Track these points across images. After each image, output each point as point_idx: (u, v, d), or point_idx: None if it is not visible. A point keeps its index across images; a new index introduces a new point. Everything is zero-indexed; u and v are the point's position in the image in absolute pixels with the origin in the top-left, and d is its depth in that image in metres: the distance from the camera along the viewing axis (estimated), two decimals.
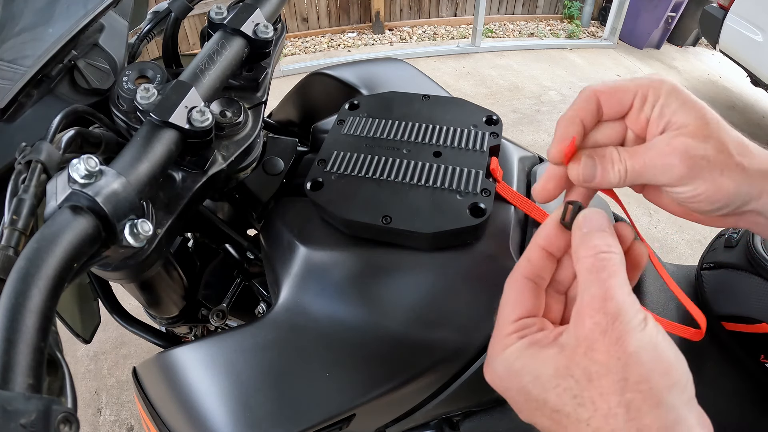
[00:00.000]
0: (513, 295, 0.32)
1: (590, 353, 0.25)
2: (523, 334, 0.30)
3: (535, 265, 0.32)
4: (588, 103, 0.32)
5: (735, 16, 2.79)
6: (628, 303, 0.26)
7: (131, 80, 0.40)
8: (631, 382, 0.24)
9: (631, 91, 0.31)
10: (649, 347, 0.25)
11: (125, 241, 0.30)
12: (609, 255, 0.28)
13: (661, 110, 0.30)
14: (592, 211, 0.30)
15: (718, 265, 0.66)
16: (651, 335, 0.25)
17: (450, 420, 0.52)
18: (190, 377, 0.44)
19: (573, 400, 0.26)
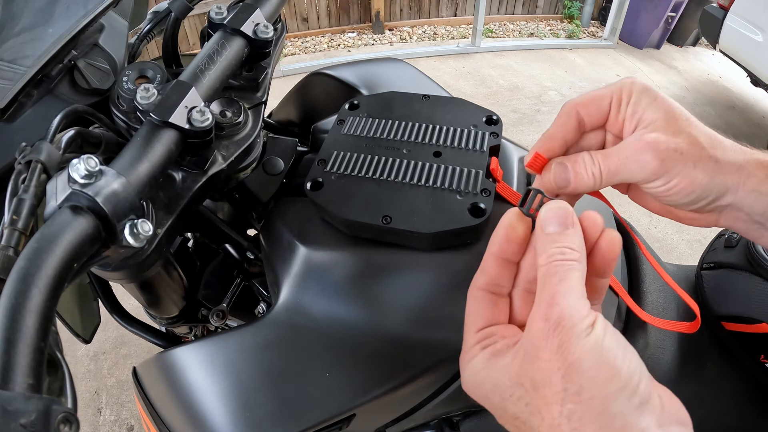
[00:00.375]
0: (472, 308, 0.33)
1: (536, 362, 0.25)
2: (485, 344, 0.30)
3: (489, 275, 0.32)
4: (568, 118, 0.33)
5: (735, 16, 2.79)
6: (573, 308, 0.25)
7: (131, 80, 0.40)
8: (570, 393, 0.24)
9: (607, 97, 0.32)
10: (592, 354, 0.24)
11: (125, 241, 0.30)
12: (563, 262, 0.27)
13: (634, 108, 0.31)
14: (554, 205, 0.29)
15: (718, 265, 0.66)
16: (595, 340, 0.24)
17: (450, 420, 0.52)
18: (190, 377, 0.44)
19: (526, 408, 0.26)
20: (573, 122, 0.33)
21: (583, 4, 4.31)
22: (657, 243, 2.06)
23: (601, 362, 0.24)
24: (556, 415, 0.24)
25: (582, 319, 0.25)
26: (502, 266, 0.32)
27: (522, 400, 0.26)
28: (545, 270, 0.28)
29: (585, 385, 0.24)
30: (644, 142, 0.29)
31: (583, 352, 0.24)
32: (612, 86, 0.32)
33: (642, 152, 0.29)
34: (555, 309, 0.25)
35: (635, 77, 0.32)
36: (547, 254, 0.28)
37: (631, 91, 0.31)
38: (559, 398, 0.24)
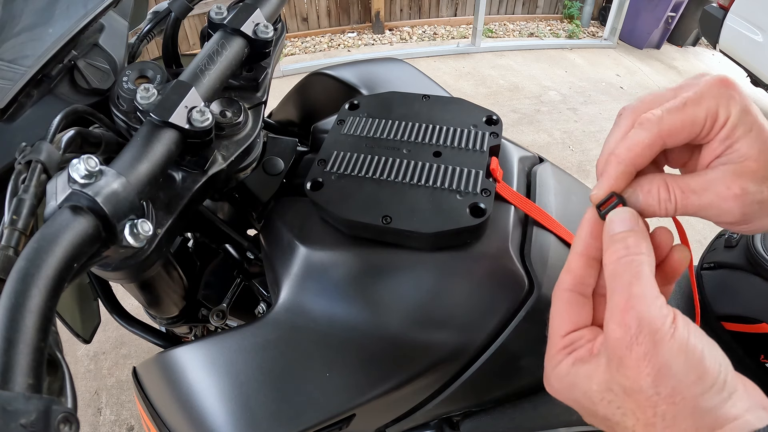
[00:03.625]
0: (558, 311, 0.32)
1: (621, 369, 0.26)
2: (571, 349, 0.30)
3: (576, 274, 0.31)
4: (650, 150, 0.29)
5: (735, 16, 2.79)
6: (652, 310, 0.25)
7: (131, 80, 0.40)
8: (663, 396, 0.24)
9: (700, 122, 0.28)
10: (679, 355, 0.24)
11: (125, 241, 0.30)
12: (631, 258, 0.27)
13: (728, 133, 0.28)
14: (621, 211, 0.29)
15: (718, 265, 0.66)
16: (680, 341, 0.24)
17: (450, 420, 0.52)
18: (190, 377, 0.44)
19: (618, 410, 0.27)
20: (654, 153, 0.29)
21: (583, 4, 4.31)
22: None
23: (689, 363, 0.24)
24: (650, 416, 0.25)
25: (663, 320, 0.25)
26: (587, 264, 0.31)
27: (613, 404, 0.27)
28: (612, 269, 0.27)
29: (676, 387, 0.24)
30: (732, 192, 0.27)
31: (671, 355, 0.24)
32: (707, 103, 0.28)
33: (727, 202, 0.27)
34: (632, 314, 0.25)
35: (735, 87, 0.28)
36: (612, 251, 0.28)
37: (729, 112, 0.27)
38: (652, 402, 0.25)
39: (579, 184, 0.63)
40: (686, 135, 0.28)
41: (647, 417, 0.25)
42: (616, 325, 0.26)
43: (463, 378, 0.45)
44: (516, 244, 0.46)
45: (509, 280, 0.44)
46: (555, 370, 0.30)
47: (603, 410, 0.27)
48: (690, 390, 0.24)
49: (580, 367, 0.29)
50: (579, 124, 2.84)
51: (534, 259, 0.46)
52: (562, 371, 0.30)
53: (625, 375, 0.25)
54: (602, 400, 0.27)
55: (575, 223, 0.53)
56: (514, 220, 0.47)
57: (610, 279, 0.27)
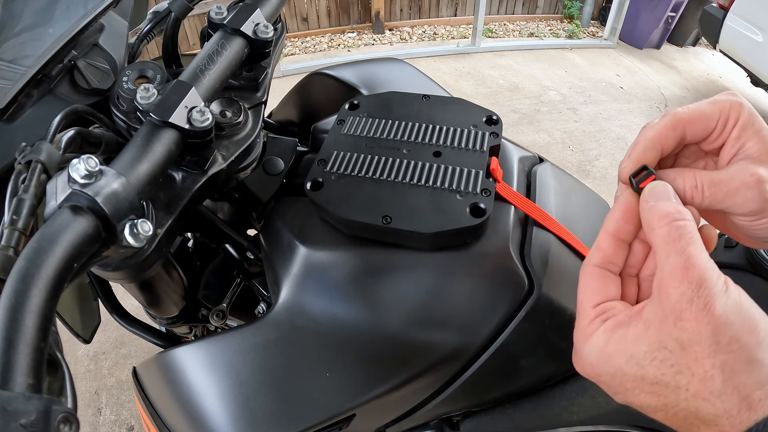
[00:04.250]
0: (588, 284, 0.32)
1: (679, 323, 0.26)
2: (606, 317, 0.30)
3: (605, 253, 0.32)
4: (674, 132, 0.32)
5: (735, 16, 2.79)
6: (709, 269, 0.27)
7: (131, 80, 0.40)
8: (723, 344, 0.25)
9: (714, 117, 0.31)
10: (735, 309, 0.26)
11: (125, 241, 0.30)
12: (683, 222, 0.28)
13: (739, 133, 0.31)
14: (658, 184, 0.31)
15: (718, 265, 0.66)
16: (734, 297, 0.26)
17: (450, 420, 0.52)
18: (190, 377, 0.44)
19: (671, 369, 0.27)
20: (677, 137, 0.32)
21: (583, 4, 4.31)
22: None
23: (743, 316, 0.26)
24: (708, 368, 0.25)
25: (718, 279, 0.26)
26: (617, 245, 0.32)
27: (666, 362, 0.27)
28: (665, 233, 0.28)
29: (734, 336, 0.25)
30: (755, 178, 0.29)
31: (728, 308, 0.26)
32: (720, 105, 0.31)
33: (750, 188, 0.29)
34: (694, 270, 0.26)
35: (741, 98, 0.31)
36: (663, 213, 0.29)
37: (739, 114, 0.31)
38: (712, 351, 0.25)
39: (579, 184, 0.63)
40: (702, 127, 0.32)
41: (705, 370, 0.25)
42: (678, 282, 0.26)
43: (463, 378, 0.45)
44: (516, 244, 0.46)
45: (509, 280, 0.44)
46: (589, 340, 0.30)
47: (653, 372, 0.27)
48: (746, 339, 0.25)
49: (623, 332, 0.29)
50: (579, 124, 2.84)
51: (534, 259, 0.46)
52: (598, 341, 0.29)
53: (684, 328, 0.26)
54: (654, 360, 0.27)
55: (575, 223, 0.53)
56: (514, 220, 0.47)
57: (662, 243, 0.28)
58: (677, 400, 0.27)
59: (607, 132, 2.79)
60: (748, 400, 0.25)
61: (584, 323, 0.31)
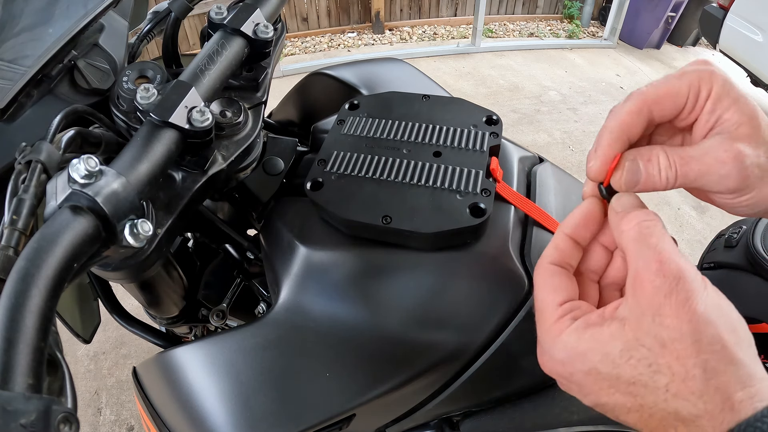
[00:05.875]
0: (549, 282, 0.31)
1: (658, 319, 0.25)
2: (574, 315, 0.29)
3: (562, 252, 0.32)
4: (639, 115, 0.29)
5: (735, 16, 2.79)
6: (686, 264, 0.26)
7: (131, 80, 0.40)
8: (705, 343, 0.24)
9: (684, 93, 0.29)
10: (716, 307, 0.25)
11: (125, 241, 0.30)
12: (653, 222, 0.28)
13: (713, 106, 0.28)
14: (626, 195, 0.30)
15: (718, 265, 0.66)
16: (713, 295, 0.25)
17: (450, 420, 0.52)
18: (190, 377, 0.44)
19: (648, 369, 0.25)
20: (643, 121, 0.30)
21: (583, 4, 4.31)
22: None
23: (723, 314, 0.25)
24: (690, 367, 0.24)
25: (696, 275, 0.25)
26: (573, 246, 0.32)
27: (643, 362, 0.25)
28: (636, 231, 0.28)
29: (716, 335, 0.24)
30: (731, 154, 0.27)
31: (708, 305, 0.25)
32: (688, 77, 0.28)
33: (726, 165, 0.27)
34: (671, 264, 0.25)
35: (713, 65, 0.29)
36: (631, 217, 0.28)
37: (711, 84, 0.28)
38: (694, 350, 0.24)
39: (579, 184, 0.63)
40: (671, 105, 0.29)
41: (686, 369, 0.24)
42: (653, 275, 0.25)
43: (463, 378, 0.45)
44: (516, 244, 0.46)
45: (509, 280, 0.44)
46: (558, 339, 0.29)
47: (629, 372, 0.26)
48: (727, 338, 0.24)
49: (597, 330, 0.27)
50: (579, 124, 2.84)
51: (534, 259, 0.46)
52: (569, 339, 0.28)
53: (663, 324, 0.25)
54: (630, 359, 0.26)
55: None
56: (514, 220, 0.47)
57: (633, 242, 0.28)
58: (655, 401, 0.25)
59: None
60: (730, 401, 0.24)
61: (551, 321, 0.30)
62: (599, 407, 0.28)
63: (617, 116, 0.30)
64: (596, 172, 0.31)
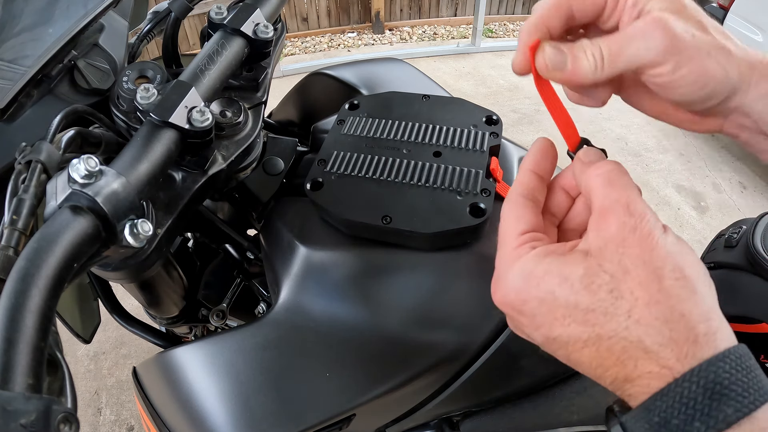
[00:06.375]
0: (514, 212, 0.30)
1: (622, 248, 0.25)
2: (534, 245, 0.28)
3: (528, 185, 0.31)
4: (557, 11, 0.28)
5: (735, 16, 2.79)
6: (650, 210, 0.26)
7: (131, 80, 0.40)
8: (668, 270, 0.24)
9: None
10: (677, 244, 0.25)
11: (125, 241, 0.30)
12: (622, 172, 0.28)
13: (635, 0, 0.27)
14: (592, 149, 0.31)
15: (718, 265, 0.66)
16: (673, 237, 0.26)
17: (450, 420, 0.52)
18: (190, 377, 0.44)
19: (609, 295, 0.25)
20: (562, 16, 0.28)
21: None
22: None
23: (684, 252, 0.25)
24: (654, 292, 0.24)
25: (657, 221, 0.26)
26: (538, 180, 0.31)
27: (604, 287, 0.25)
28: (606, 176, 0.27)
29: (678, 265, 0.24)
30: (652, 18, 0.26)
31: (669, 242, 0.25)
32: None
33: (650, 29, 0.26)
34: (637, 205, 0.26)
35: None
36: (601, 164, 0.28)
37: None
38: (657, 276, 0.24)
39: None
40: (591, 2, 0.28)
41: (650, 294, 0.24)
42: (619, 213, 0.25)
43: (463, 378, 0.45)
44: None
45: None
46: (515, 264, 0.28)
47: (588, 298, 0.25)
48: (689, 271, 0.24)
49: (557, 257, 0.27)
50: (579, 124, 2.82)
51: None
52: (529, 263, 0.27)
53: (627, 253, 0.25)
54: (591, 284, 0.25)
55: None
56: None
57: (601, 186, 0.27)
58: (615, 329, 0.24)
59: (607, 132, 2.79)
60: (694, 332, 0.23)
61: (510, 249, 0.29)
62: (550, 343, 0.27)
63: (536, 11, 0.29)
64: (519, 63, 0.29)
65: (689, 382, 0.22)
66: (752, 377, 0.22)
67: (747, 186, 2.43)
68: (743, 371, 0.22)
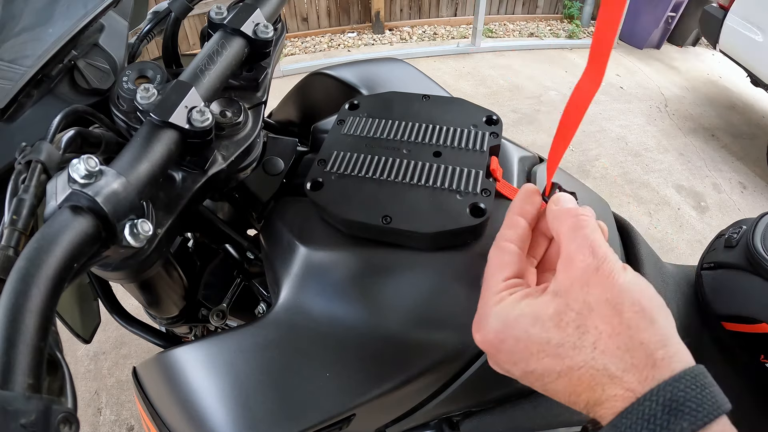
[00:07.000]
0: (500, 258, 0.35)
1: (586, 288, 0.28)
2: (513, 291, 0.32)
3: (516, 231, 0.35)
4: None
5: (735, 16, 2.79)
6: (611, 252, 0.30)
7: (131, 80, 0.40)
8: (627, 305, 0.27)
9: None
10: (635, 281, 0.29)
11: (125, 241, 0.30)
12: (586, 216, 0.32)
13: None
14: (563, 194, 0.35)
15: (718, 265, 0.66)
16: (632, 274, 0.29)
17: (450, 420, 0.52)
18: (190, 377, 0.44)
19: (577, 330, 0.28)
20: None
21: (583, 4, 4.31)
22: (657, 243, 2.06)
23: (641, 287, 0.29)
24: (615, 325, 0.27)
25: (617, 261, 0.29)
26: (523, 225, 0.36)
27: (572, 324, 0.28)
28: (573, 222, 0.32)
29: (636, 299, 0.28)
30: None
31: (627, 279, 0.28)
32: None
33: None
34: (600, 249, 0.29)
35: None
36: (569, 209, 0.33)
37: None
38: (618, 311, 0.27)
39: (579, 184, 0.63)
40: None
41: (612, 327, 0.27)
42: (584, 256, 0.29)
43: (463, 378, 0.45)
44: None
45: None
46: (497, 307, 0.32)
47: (559, 335, 0.28)
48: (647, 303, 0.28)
49: (533, 300, 0.30)
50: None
51: None
52: (506, 307, 0.31)
53: (590, 292, 0.28)
54: (560, 322, 0.28)
55: None
56: None
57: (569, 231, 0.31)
58: (584, 360, 0.27)
59: (607, 132, 2.79)
60: (652, 357, 0.26)
61: (492, 294, 0.33)
62: (528, 376, 0.30)
63: None
64: None
65: (649, 401, 0.25)
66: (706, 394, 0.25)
67: (747, 186, 2.43)
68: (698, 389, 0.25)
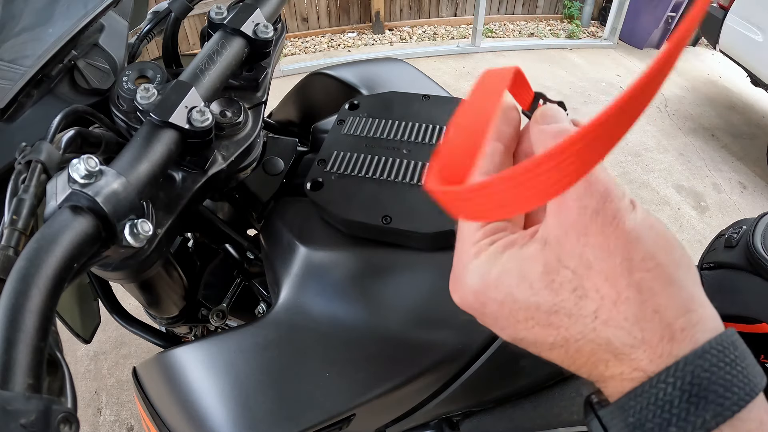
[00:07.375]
0: None
1: (583, 239, 0.22)
2: (494, 239, 0.25)
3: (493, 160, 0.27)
4: None
5: (735, 16, 2.79)
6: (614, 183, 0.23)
7: (131, 80, 0.40)
8: (637, 261, 0.21)
9: None
10: (646, 225, 0.22)
11: (125, 241, 0.30)
12: None
13: None
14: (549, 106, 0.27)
15: (718, 265, 0.66)
16: (643, 214, 0.22)
17: (450, 420, 0.52)
18: (190, 377, 0.44)
19: (573, 294, 0.22)
20: None
21: (583, 4, 4.31)
22: None
23: (656, 232, 0.22)
24: (622, 288, 0.21)
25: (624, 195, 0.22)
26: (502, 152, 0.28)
27: (567, 286, 0.22)
28: None
29: (649, 253, 0.21)
30: None
31: (637, 223, 0.22)
32: None
33: None
34: (599, 184, 0.22)
35: None
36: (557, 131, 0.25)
37: None
38: (625, 269, 0.21)
39: None
40: None
41: (618, 291, 0.21)
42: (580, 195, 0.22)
43: (463, 378, 0.45)
44: None
45: None
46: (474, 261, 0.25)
47: (550, 299, 0.22)
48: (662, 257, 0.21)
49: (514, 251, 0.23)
50: None
51: None
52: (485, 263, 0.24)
53: (589, 243, 0.21)
54: (552, 283, 0.22)
55: None
56: None
57: None
58: (582, 332, 0.22)
59: None
60: (670, 329, 0.21)
61: (468, 244, 0.26)
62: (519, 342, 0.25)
63: None
64: None
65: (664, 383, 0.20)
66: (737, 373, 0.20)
67: (747, 186, 2.43)
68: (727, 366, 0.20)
